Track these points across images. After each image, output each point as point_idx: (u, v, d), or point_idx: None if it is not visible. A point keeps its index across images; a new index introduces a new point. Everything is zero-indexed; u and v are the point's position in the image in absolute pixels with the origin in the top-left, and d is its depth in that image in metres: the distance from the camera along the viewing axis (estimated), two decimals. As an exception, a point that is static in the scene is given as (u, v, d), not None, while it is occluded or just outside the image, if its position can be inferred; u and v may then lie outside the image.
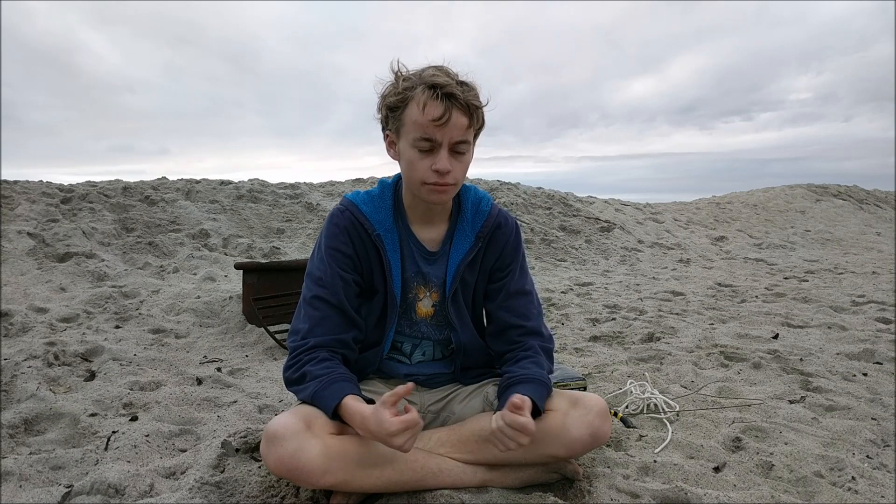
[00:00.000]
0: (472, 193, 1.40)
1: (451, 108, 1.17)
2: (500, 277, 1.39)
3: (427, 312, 1.39)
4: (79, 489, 1.23)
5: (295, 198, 6.56)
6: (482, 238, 1.36)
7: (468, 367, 1.44)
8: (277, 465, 1.08)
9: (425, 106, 1.17)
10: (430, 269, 1.37)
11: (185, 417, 1.71)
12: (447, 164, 1.20)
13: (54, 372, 2.10)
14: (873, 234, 9.14)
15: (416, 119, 1.18)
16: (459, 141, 1.20)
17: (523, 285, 1.40)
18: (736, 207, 10.20)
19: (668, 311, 3.47)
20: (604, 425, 1.22)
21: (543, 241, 6.50)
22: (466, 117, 1.19)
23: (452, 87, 1.17)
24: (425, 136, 1.18)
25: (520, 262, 1.41)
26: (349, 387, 1.18)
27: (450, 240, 1.37)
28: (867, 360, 2.36)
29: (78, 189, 5.54)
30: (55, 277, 3.78)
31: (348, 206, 1.34)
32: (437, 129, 1.17)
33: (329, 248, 1.31)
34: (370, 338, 1.38)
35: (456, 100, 1.17)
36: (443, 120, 1.16)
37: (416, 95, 1.19)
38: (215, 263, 4.69)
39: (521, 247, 1.42)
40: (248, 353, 2.56)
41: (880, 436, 1.59)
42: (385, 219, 1.33)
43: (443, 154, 1.19)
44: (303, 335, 1.26)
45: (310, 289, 1.30)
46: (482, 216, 1.37)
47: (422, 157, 1.21)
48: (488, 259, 1.38)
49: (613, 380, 2.13)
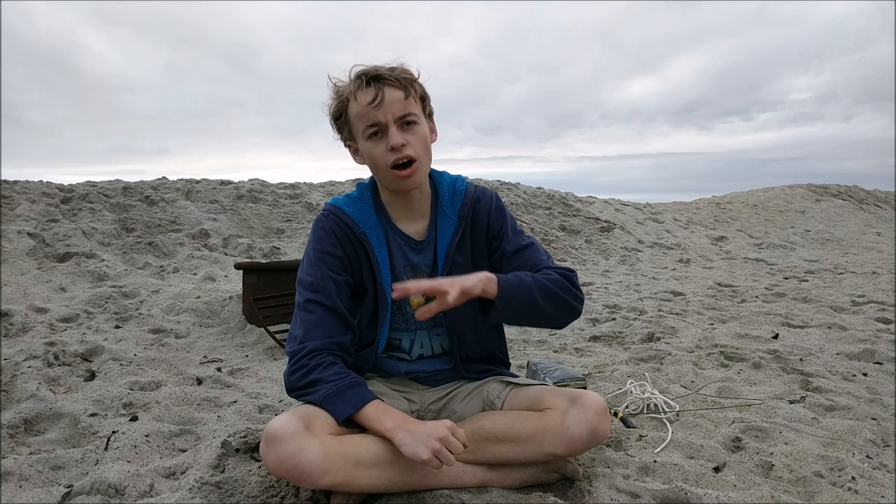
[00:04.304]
0: (446, 177, 1.43)
1: (382, 87, 1.23)
2: (497, 246, 1.40)
3: (420, 304, 1.39)
4: (79, 489, 1.23)
5: (295, 198, 6.56)
6: (464, 217, 1.37)
7: (469, 358, 1.43)
8: (277, 465, 1.07)
9: (356, 95, 1.24)
10: (419, 258, 1.38)
11: (185, 417, 1.71)
12: (399, 138, 1.24)
13: (54, 372, 2.10)
14: (873, 234, 9.14)
15: (357, 112, 1.25)
16: (404, 115, 1.25)
17: (520, 241, 1.40)
18: (736, 207, 10.20)
19: (668, 311, 3.47)
20: (603, 423, 1.22)
21: (543, 241, 6.50)
22: (401, 90, 1.25)
23: (378, 70, 1.25)
24: (370, 122, 1.24)
25: (510, 225, 1.42)
26: (370, 392, 1.22)
27: (434, 226, 1.38)
28: (867, 360, 2.36)
29: (78, 189, 5.54)
30: (55, 277, 3.78)
31: (332, 209, 1.36)
32: (376, 110, 1.23)
33: (318, 252, 1.32)
34: (364, 338, 1.38)
35: (384, 79, 1.24)
36: (377, 100, 1.22)
37: (349, 92, 1.26)
38: (215, 263, 4.69)
39: (505, 212, 1.43)
40: (248, 353, 2.56)
41: (880, 436, 1.59)
42: (368, 217, 1.35)
43: (392, 131, 1.24)
44: (300, 340, 1.26)
45: (302, 294, 1.31)
46: (460, 195, 1.39)
47: (377, 144, 1.26)
48: (477, 234, 1.40)
49: (613, 380, 2.13)
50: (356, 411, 1.17)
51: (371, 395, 1.21)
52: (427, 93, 1.32)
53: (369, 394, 1.21)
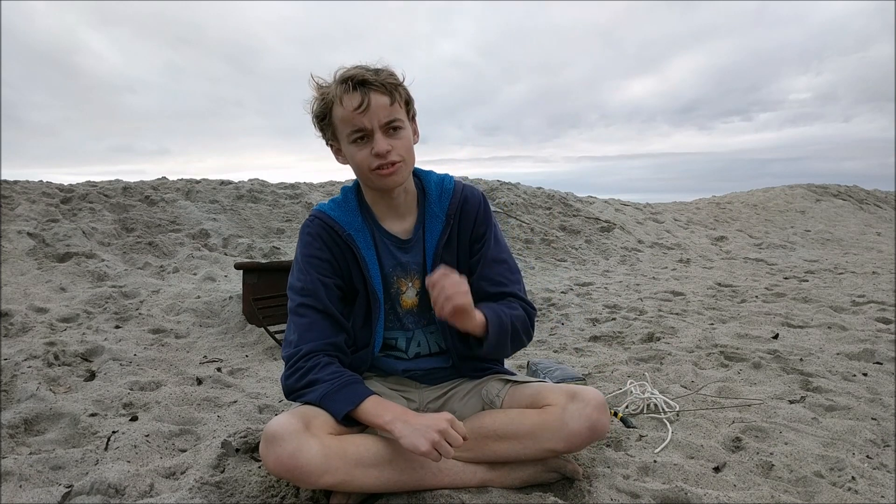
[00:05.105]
0: (433, 176, 1.42)
1: (368, 93, 1.22)
2: (478, 249, 1.40)
3: (412, 303, 1.40)
4: (79, 489, 1.23)
5: (295, 198, 6.56)
6: (452, 216, 1.37)
7: (466, 355, 1.42)
8: (276, 465, 1.07)
9: (342, 99, 1.23)
10: (407, 257, 1.38)
11: (185, 417, 1.71)
12: (384, 145, 1.24)
13: (54, 372, 2.10)
14: (873, 234, 9.14)
15: (342, 116, 1.24)
16: (389, 121, 1.25)
17: (498, 253, 1.41)
18: (736, 207, 10.20)
19: (668, 311, 3.47)
20: (602, 418, 1.22)
21: (543, 241, 6.50)
22: (386, 96, 1.24)
23: (364, 75, 1.23)
24: (355, 127, 1.24)
25: (493, 232, 1.42)
26: (367, 389, 1.22)
27: (422, 225, 1.38)
28: (867, 360, 2.36)
29: (78, 189, 5.54)
30: (55, 277, 3.78)
31: (317, 214, 1.37)
32: (362, 116, 1.22)
33: (306, 257, 1.33)
34: (359, 338, 1.38)
35: (370, 84, 1.23)
36: (363, 106, 1.22)
37: (335, 95, 1.24)
38: (215, 263, 4.69)
39: (491, 216, 1.43)
40: (248, 353, 2.56)
41: (880, 436, 1.59)
42: (353, 219, 1.35)
43: (377, 137, 1.24)
44: (295, 344, 1.27)
45: (294, 299, 1.32)
46: (448, 194, 1.39)
47: (360, 148, 1.26)
48: (463, 234, 1.40)
49: (613, 380, 2.13)
50: (354, 407, 1.17)
51: (368, 391, 1.21)
52: (411, 96, 1.32)
53: (367, 390, 1.21)
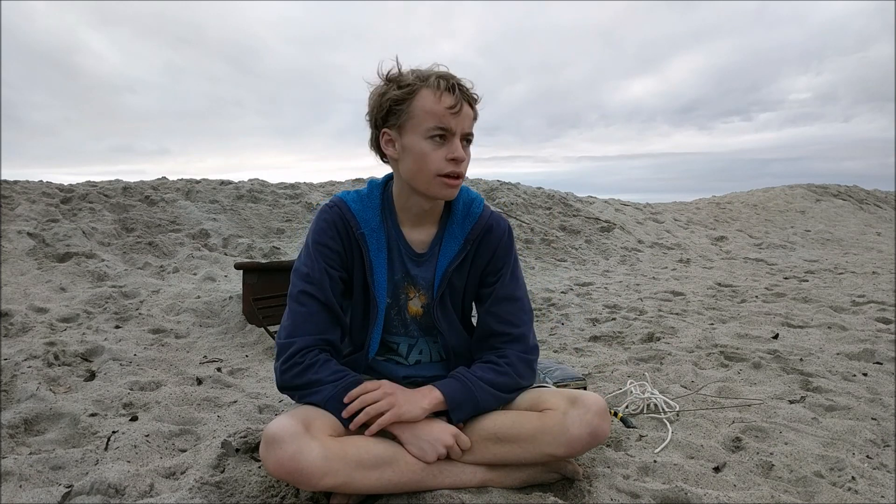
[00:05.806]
0: (463, 194, 1.37)
1: (461, 98, 1.22)
2: (491, 282, 1.36)
3: (417, 312, 1.39)
4: (79, 489, 1.23)
5: (295, 198, 6.56)
6: (471, 241, 1.34)
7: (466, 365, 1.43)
8: (277, 467, 1.07)
9: (441, 95, 1.20)
10: (418, 271, 1.35)
11: (185, 417, 1.71)
12: (462, 151, 1.23)
13: (54, 372, 2.10)
14: (873, 234, 9.14)
15: (431, 109, 1.20)
16: (468, 133, 1.25)
17: (513, 291, 1.36)
18: (736, 207, 10.20)
19: (668, 311, 3.47)
20: (603, 424, 1.21)
21: (543, 241, 6.50)
22: (473, 109, 1.25)
23: (460, 80, 1.23)
24: (441, 125, 1.20)
25: (511, 267, 1.38)
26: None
27: (439, 242, 1.35)
28: (867, 360, 2.36)
29: (78, 189, 5.54)
30: (55, 277, 3.78)
31: (337, 202, 1.33)
32: (453, 117, 1.20)
33: (317, 244, 1.30)
34: (355, 340, 1.37)
35: (464, 92, 1.23)
36: (457, 108, 1.20)
37: (429, 86, 1.21)
38: (215, 263, 4.69)
39: (513, 251, 1.39)
40: (248, 353, 2.56)
41: (880, 436, 1.59)
42: (372, 218, 1.32)
43: (457, 144, 1.22)
44: (289, 333, 1.25)
45: (296, 285, 1.29)
46: (472, 218, 1.35)
47: (435, 148, 1.22)
48: (479, 262, 1.36)
49: (613, 380, 2.13)
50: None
51: None
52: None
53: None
